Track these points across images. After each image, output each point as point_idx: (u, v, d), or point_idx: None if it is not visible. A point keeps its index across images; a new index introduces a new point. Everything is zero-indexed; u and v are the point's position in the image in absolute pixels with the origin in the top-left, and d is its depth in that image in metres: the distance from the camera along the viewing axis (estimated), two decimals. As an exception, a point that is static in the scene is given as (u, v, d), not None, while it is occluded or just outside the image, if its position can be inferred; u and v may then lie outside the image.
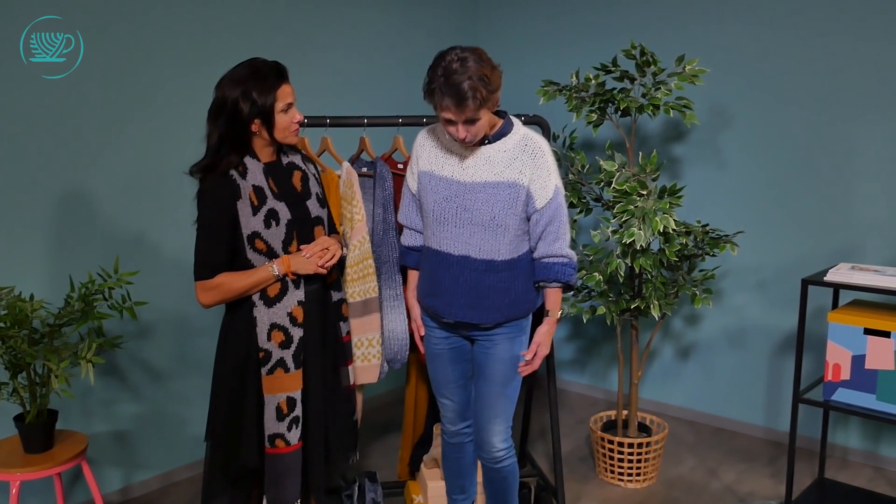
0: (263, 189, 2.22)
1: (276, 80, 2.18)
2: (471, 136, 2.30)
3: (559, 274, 2.45)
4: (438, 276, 2.48)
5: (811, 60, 3.66)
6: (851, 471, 3.62)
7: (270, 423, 2.24)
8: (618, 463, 3.49)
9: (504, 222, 2.37)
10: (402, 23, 4.36)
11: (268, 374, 2.23)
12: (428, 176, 2.48)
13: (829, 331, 2.88)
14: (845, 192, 3.64)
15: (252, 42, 3.62)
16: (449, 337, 2.59)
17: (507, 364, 2.51)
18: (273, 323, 2.23)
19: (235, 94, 2.14)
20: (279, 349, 2.23)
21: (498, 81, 2.27)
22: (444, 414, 2.71)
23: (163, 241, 3.39)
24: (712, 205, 4.02)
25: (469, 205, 2.38)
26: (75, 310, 2.70)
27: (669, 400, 4.36)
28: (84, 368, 2.60)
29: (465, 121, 2.25)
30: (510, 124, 2.43)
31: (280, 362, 2.23)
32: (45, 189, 3.02)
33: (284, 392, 2.24)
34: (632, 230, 2.99)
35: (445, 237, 2.44)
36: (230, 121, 2.16)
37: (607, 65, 3.39)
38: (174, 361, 3.49)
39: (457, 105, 2.20)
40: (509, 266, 2.43)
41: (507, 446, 2.57)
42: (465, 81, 2.17)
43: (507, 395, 2.53)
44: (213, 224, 2.17)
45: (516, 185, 2.36)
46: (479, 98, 2.20)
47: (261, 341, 2.22)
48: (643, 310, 3.36)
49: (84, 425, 3.20)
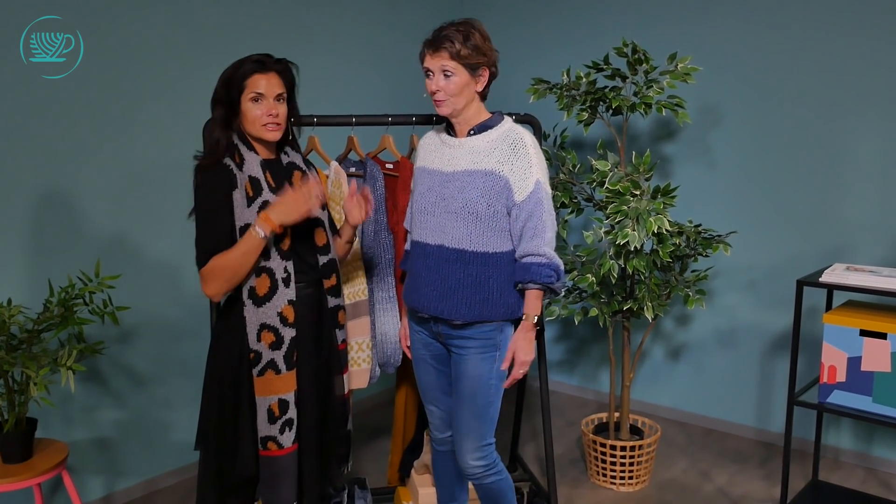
0: (260, 181, 2.16)
1: (246, 69, 2.16)
2: (443, 92, 2.29)
3: (535, 274, 2.31)
4: (417, 268, 2.45)
5: (802, 58, 3.63)
6: (844, 472, 3.60)
7: (262, 425, 2.17)
8: (610, 466, 3.45)
9: (475, 210, 2.30)
10: (387, 21, 4.30)
11: (258, 375, 2.16)
12: (420, 171, 2.50)
13: (825, 332, 2.85)
14: (837, 191, 3.61)
15: (249, 42, 3.56)
16: (430, 344, 2.53)
17: (476, 382, 2.39)
18: (263, 323, 2.15)
19: (218, 85, 2.18)
20: (269, 350, 2.16)
21: (484, 48, 2.30)
22: (431, 421, 2.65)
23: (145, 243, 3.31)
24: (702, 204, 3.98)
25: (446, 193, 2.36)
26: (55, 315, 2.62)
27: (659, 401, 4.33)
28: (64, 376, 2.52)
29: (441, 71, 2.27)
30: (498, 120, 2.40)
31: (271, 363, 2.16)
32: (23, 189, 2.93)
33: (276, 394, 2.17)
34: (625, 231, 2.94)
35: (425, 228, 2.41)
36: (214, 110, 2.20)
37: (599, 63, 3.34)
38: (157, 366, 3.41)
39: (433, 47, 2.27)
40: (483, 260, 2.34)
41: (483, 464, 2.46)
42: (451, 31, 2.26)
43: (476, 415, 2.41)
44: (212, 212, 2.11)
45: (492, 174, 2.30)
46: (456, 48, 2.24)
47: (251, 342, 2.15)
48: (636, 311, 3.32)
49: (64, 433, 3.12)
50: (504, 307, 2.37)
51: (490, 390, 2.40)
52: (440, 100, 2.32)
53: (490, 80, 2.36)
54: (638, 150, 4.10)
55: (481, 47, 2.29)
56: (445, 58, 2.27)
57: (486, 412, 2.42)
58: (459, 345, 2.41)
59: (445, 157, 2.41)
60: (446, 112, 2.34)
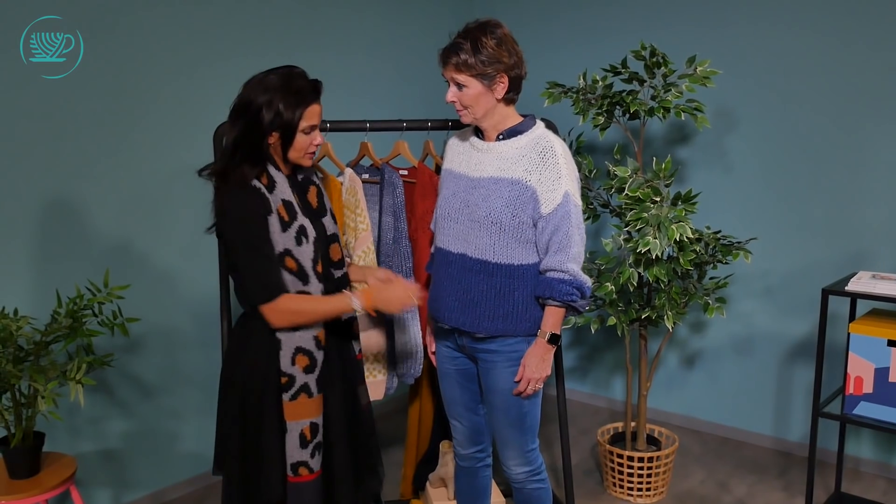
0: (293, 204, 2.07)
1: (307, 97, 2.03)
2: (459, 104, 2.23)
3: (556, 291, 2.22)
4: (440, 275, 2.38)
5: (821, 62, 3.57)
6: (865, 483, 3.54)
7: (293, 450, 2.09)
8: (627, 477, 3.39)
9: (499, 220, 2.22)
10: (400, 23, 4.23)
11: (291, 399, 2.07)
12: (446, 174, 2.42)
13: (851, 342, 2.78)
14: (856, 196, 3.55)
15: (251, 44, 3.50)
16: (457, 358, 2.46)
17: (507, 395, 2.33)
18: (298, 347, 2.07)
19: (261, 99, 1.99)
20: (303, 374, 2.08)
21: (499, 55, 2.17)
22: (455, 436, 2.59)
23: (152, 250, 3.24)
24: (718, 210, 3.92)
25: (470, 200, 2.28)
26: (63, 326, 2.54)
27: (673, 409, 4.26)
28: (73, 390, 2.45)
29: (454, 82, 2.21)
30: (530, 124, 2.31)
31: (304, 387, 2.08)
32: (28, 194, 2.87)
33: (308, 418, 2.09)
34: (646, 239, 2.87)
35: (448, 234, 2.33)
36: (248, 126, 2.01)
37: (616, 66, 3.27)
38: (165, 376, 3.34)
39: (442, 59, 2.21)
40: (507, 273, 2.26)
41: (527, 470, 2.42)
42: (458, 39, 2.17)
43: (512, 425, 2.36)
44: (263, 241, 2.00)
45: (519, 183, 2.22)
46: (463, 59, 2.15)
47: (283, 365, 2.06)
48: (654, 320, 3.25)
49: (71, 445, 3.05)
50: (528, 321, 2.30)
51: (522, 402, 2.34)
52: (458, 109, 2.26)
53: (515, 83, 2.25)
54: (652, 154, 4.03)
55: (495, 55, 2.16)
56: (452, 70, 2.20)
57: (522, 422, 2.36)
58: (485, 357, 2.35)
59: (473, 161, 2.33)
60: (468, 121, 2.28)
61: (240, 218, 1.99)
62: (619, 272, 3.08)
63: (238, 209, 1.99)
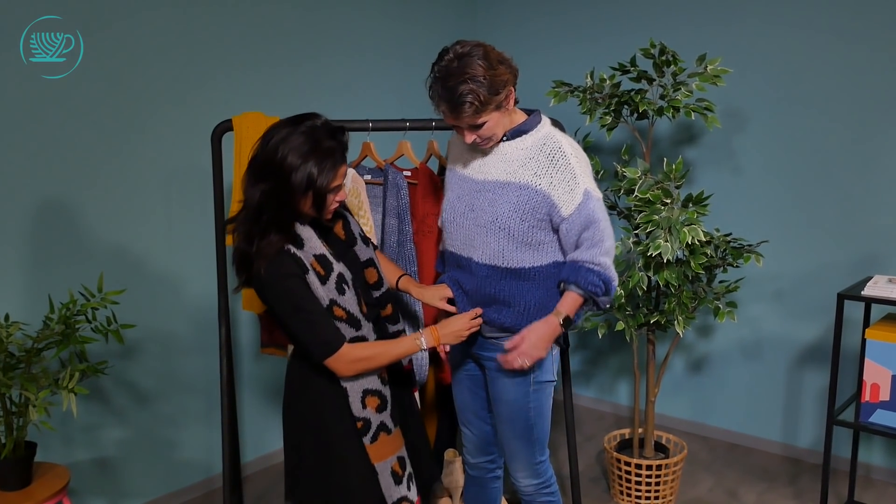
0: (326, 255, 1.98)
1: (338, 158, 1.94)
2: (480, 139, 2.12)
3: (582, 278, 2.12)
4: (450, 277, 2.32)
5: (832, 62, 3.49)
6: (876, 490, 3.46)
7: (390, 489, 2.05)
8: (635, 485, 3.31)
9: (507, 225, 2.13)
10: (402, 21, 4.15)
11: (372, 442, 2.03)
12: (451, 174, 2.33)
13: (867, 348, 2.71)
14: (868, 198, 3.47)
15: (253, 44, 3.43)
16: (467, 363, 2.39)
17: (512, 407, 2.26)
18: (366, 389, 2.02)
19: (294, 162, 1.88)
20: (377, 414, 2.03)
21: (503, 79, 2.05)
22: (464, 443, 2.52)
23: (147, 254, 3.16)
24: (726, 211, 3.84)
25: (476, 204, 2.19)
26: (55, 332, 2.46)
27: (680, 414, 4.18)
28: (66, 399, 2.36)
29: (469, 126, 2.08)
30: (535, 122, 2.20)
31: (381, 426, 2.04)
32: (21, 196, 2.78)
33: (394, 454, 2.06)
34: (657, 242, 2.80)
35: (456, 238, 2.26)
36: (278, 188, 1.90)
37: (625, 64, 3.20)
38: (161, 382, 3.26)
39: (452, 111, 2.05)
40: (518, 276, 2.18)
41: (536, 482, 2.34)
42: (460, 85, 2.00)
43: (518, 437, 2.29)
44: (304, 300, 1.93)
45: (528, 188, 2.12)
46: (477, 103, 2.01)
47: (356, 411, 2.01)
48: (663, 324, 3.17)
49: (64, 454, 2.96)
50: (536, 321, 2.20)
51: (529, 413, 2.26)
52: (482, 144, 2.15)
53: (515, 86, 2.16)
54: (658, 155, 3.96)
55: (495, 78, 2.03)
56: (470, 117, 2.05)
57: (529, 434, 2.29)
58: (492, 366, 2.27)
59: (477, 162, 2.24)
60: (493, 148, 2.19)
61: (279, 285, 1.92)
62: (629, 276, 3.00)
63: (274, 278, 1.91)
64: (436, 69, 2.05)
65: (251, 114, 2.68)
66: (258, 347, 3.60)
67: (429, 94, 2.10)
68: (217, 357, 3.35)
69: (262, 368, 3.64)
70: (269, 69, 3.53)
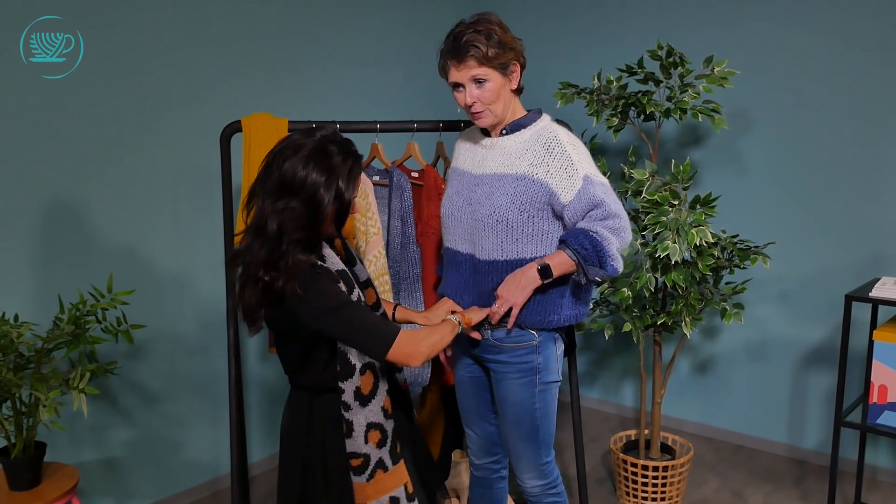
0: (347, 272, 1.94)
1: (359, 171, 1.90)
2: (480, 103, 2.12)
3: (573, 240, 2.07)
4: (450, 276, 2.31)
5: (838, 64, 3.49)
6: (883, 492, 3.46)
7: None
8: (641, 487, 3.31)
9: (505, 218, 2.12)
10: (408, 23, 4.16)
11: (367, 481, 1.94)
12: (452, 172, 2.35)
13: (875, 350, 2.71)
14: (875, 200, 3.47)
15: (254, 45, 3.42)
16: (470, 365, 2.39)
17: (518, 408, 2.25)
18: (370, 423, 1.94)
19: (317, 178, 1.81)
20: (377, 450, 1.95)
21: (511, 44, 2.11)
22: (469, 445, 2.51)
23: (156, 255, 3.16)
24: (733, 213, 3.84)
25: (473, 198, 2.20)
26: (65, 333, 2.46)
27: (685, 415, 4.18)
28: (76, 399, 2.37)
29: (473, 80, 2.09)
30: (534, 117, 2.21)
31: (379, 463, 1.96)
32: (29, 197, 2.79)
33: (387, 493, 1.97)
34: (665, 244, 2.80)
35: (455, 234, 2.26)
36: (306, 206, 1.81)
37: (632, 66, 3.20)
38: (169, 383, 3.26)
39: (457, 57, 2.08)
40: (518, 266, 2.15)
41: (542, 483, 2.33)
42: (470, 34, 2.07)
43: (524, 438, 2.28)
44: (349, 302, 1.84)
45: (525, 178, 2.12)
46: (483, 51, 2.05)
47: (357, 446, 1.93)
48: (670, 326, 3.17)
49: (72, 454, 2.97)
50: (540, 315, 2.19)
51: (535, 414, 2.26)
52: (478, 111, 2.14)
53: (523, 70, 2.18)
54: (664, 156, 3.96)
55: (505, 41, 2.10)
56: (474, 66, 2.08)
57: (535, 435, 2.28)
58: (496, 368, 2.27)
59: (477, 157, 2.26)
60: (488, 122, 2.17)
61: (317, 295, 1.81)
62: (637, 277, 3.00)
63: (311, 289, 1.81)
64: (449, 37, 2.13)
65: (260, 115, 2.68)
66: (265, 348, 3.61)
67: (438, 66, 2.16)
68: (224, 358, 3.36)
69: (268, 369, 3.64)
70: (278, 70, 3.54)
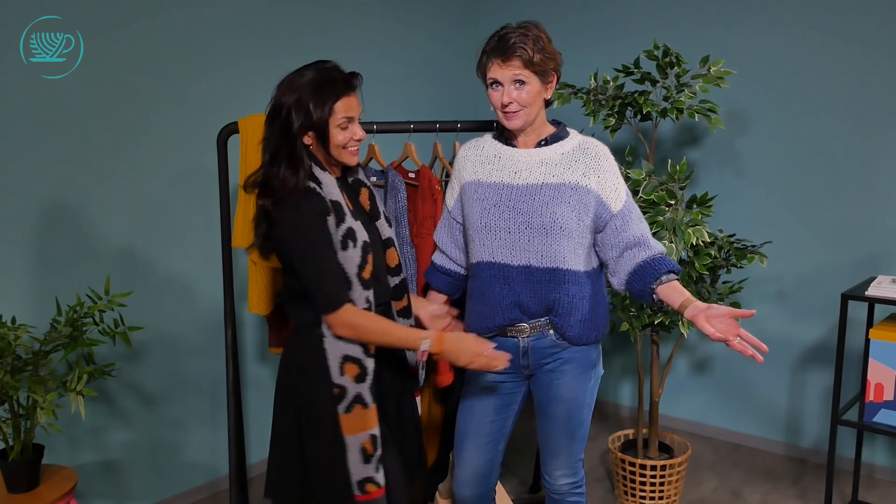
0: (341, 205, 1.97)
1: (337, 89, 1.95)
2: (517, 103, 2.13)
3: (671, 264, 2.17)
4: (495, 291, 2.21)
5: (835, 65, 3.50)
6: (880, 490, 3.47)
7: (357, 467, 1.98)
8: (640, 486, 3.32)
9: (567, 226, 2.13)
10: (407, 25, 4.16)
11: (346, 412, 1.97)
12: (474, 186, 2.26)
13: (871, 348, 2.72)
14: (871, 199, 3.48)
15: (256, 45, 3.43)
16: (497, 386, 2.30)
17: (572, 404, 2.24)
18: (345, 355, 1.97)
19: (290, 100, 1.92)
20: (355, 383, 1.97)
21: (554, 55, 2.16)
22: (457, 475, 2.36)
23: (154, 257, 3.17)
24: (730, 212, 3.85)
25: (523, 208, 2.17)
26: (63, 335, 2.46)
27: (683, 414, 4.19)
28: (74, 401, 2.37)
29: (513, 81, 2.12)
30: (567, 131, 2.26)
31: (357, 398, 1.98)
32: (27, 198, 2.79)
33: (366, 430, 1.99)
34: (662, 243, 2.80)
35: (500, 246, 2.20)
36: (280, 130, 1.93)
37: (628, 66, 3.21)
38: (167, 384, 3.26)
39: (503, 56, 2.11)
40: (576, 280, 2.18)
41: (572, 482, 2.32)
42: (518, 36, 2.11)
43: (567, 435, 2.27)
44: (327, 247, 1.92)
45: (580, 188, 2.15)
46: (529, 54, 2.09)
47: (333, 376, 1.97)
48: (667, 325, 3.18)
49: (70, 456, 2.97)
50: (596, 330, 2.24)
51: (584, 410, 2.27)
52: (513, 111, 2.14)
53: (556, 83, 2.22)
54: (662, 156, 3.97)
55: (549, 51, 2.15)
56: (518, 66, 2.10)
57: (577, 431, 2.29)
58: (554, 367, 2.24)
59: (509, 168, 2.22)
60: (518, 125, 2.17)
61: (300, 223, 1.90)
62: (633, 277, 3.01)
63: (294, 215, 1.90)
64: (494, 36, 2.17)
65: (257, 116, 2.68)
66: (264, 349, 3.61)
67: (477, 64, 2.19)
68: (222, 359, 3.35)
69: (266, 370, 3.64)
70: (275, 71, 3.49)
